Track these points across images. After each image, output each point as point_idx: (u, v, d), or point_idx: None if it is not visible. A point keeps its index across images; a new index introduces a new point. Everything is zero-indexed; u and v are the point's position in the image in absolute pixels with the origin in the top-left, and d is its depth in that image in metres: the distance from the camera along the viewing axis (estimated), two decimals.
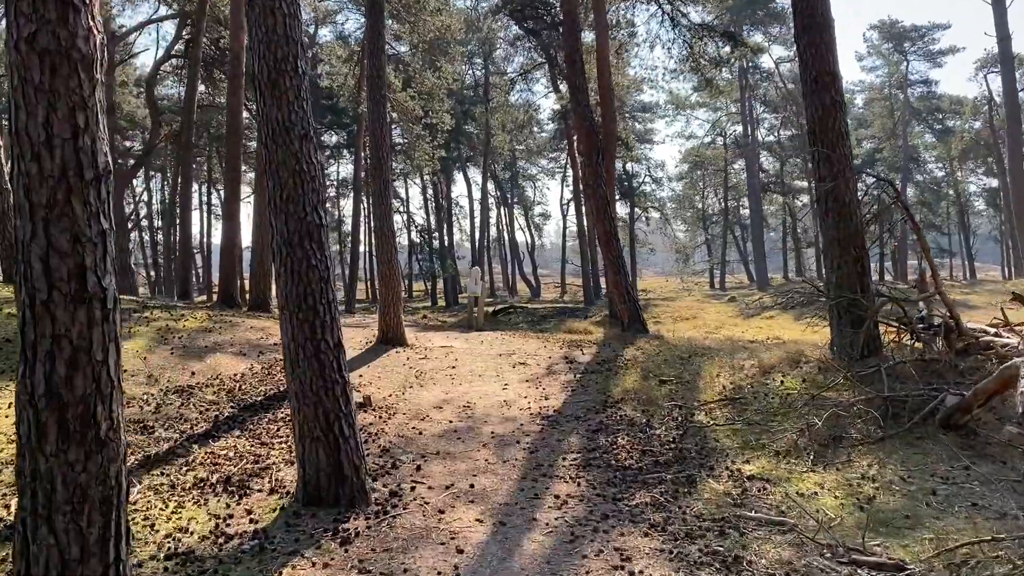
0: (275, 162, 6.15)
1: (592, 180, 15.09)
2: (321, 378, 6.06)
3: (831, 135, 9.24)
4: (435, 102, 28.18)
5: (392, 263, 13.55)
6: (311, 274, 6.12)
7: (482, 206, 45.81)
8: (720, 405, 8.86)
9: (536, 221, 61.20)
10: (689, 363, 11.14)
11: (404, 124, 28.24)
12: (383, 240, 13.50)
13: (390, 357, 12.41)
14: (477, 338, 15.20)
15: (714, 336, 16.19)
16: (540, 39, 33.57)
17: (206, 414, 8.81)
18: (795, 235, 61.54)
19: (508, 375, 11.31)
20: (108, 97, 27.82)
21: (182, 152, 24.63)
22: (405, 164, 40.26)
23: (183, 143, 23.77)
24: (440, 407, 9.50)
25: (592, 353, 12.74)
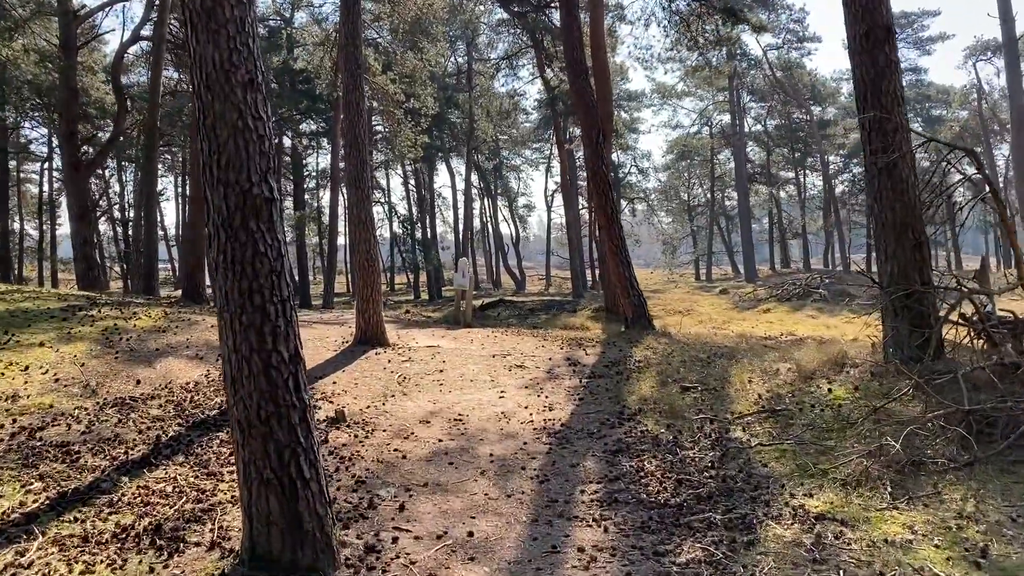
0: (211, 117, 4.62)
1: (592, 161, 13.64)
2: (272, 401, 4.55)
3: (886, 99, 7.81)
4: (417, 85, 26.58)
5: (371, 254, 12.03)
6: (259, 264, 4.61)
7: (466, 197, 44.23)
8: (759, 418, 7.42)
9: (520, 213, 59.77)
10: (711, 366, 9.71)
11: (385, 109, 26.59)
12: (361, 229, 11.97)
13: (369, 360, 10.89)
14: (466, 336, 13.72)
15: (723, 332, 14.81)
16: (526, 22, 32.03)
17: (147, 434, 7.27)
18: (781, 226, 60.55)
19: (504, 380, 9.84)
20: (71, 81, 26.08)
21: (146, 138, 22.87)
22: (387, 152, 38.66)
23: (147, 128, 22.02)
24: (427, 421, 8.01)
25: (597, 353, 11.29)
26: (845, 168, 59.14)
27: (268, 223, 4.67)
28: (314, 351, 11.24)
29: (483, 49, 43.49)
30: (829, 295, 28.26)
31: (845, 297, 28.02)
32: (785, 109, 53.55)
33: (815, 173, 60.63)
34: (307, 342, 12.03)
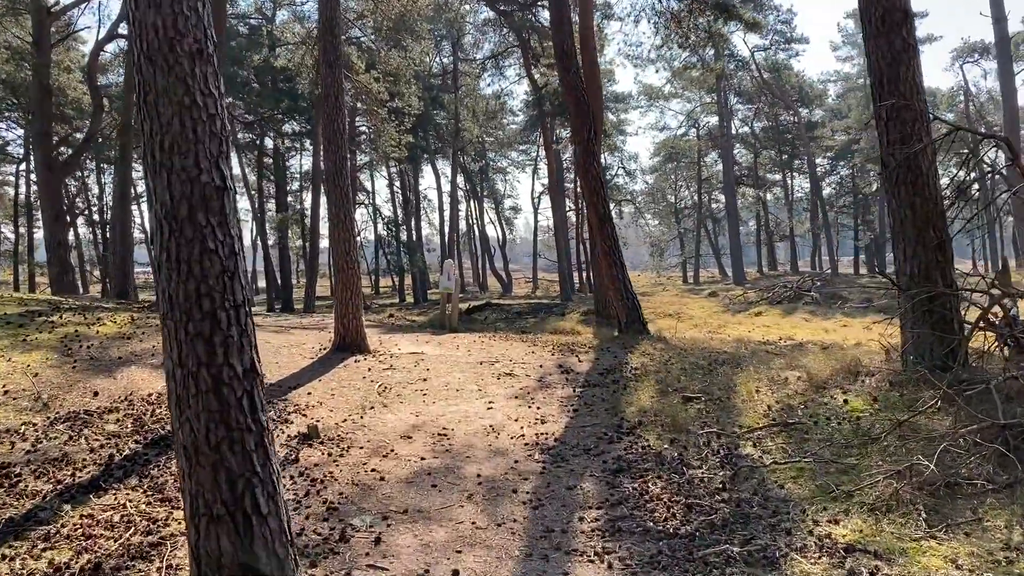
0: (153, 92, 3.95)
1: (584, 159, 13.02)
2: (224, 424, 3.89)
3: (904, 87, 7.22)
4: (402, 84, 25.89)
5: (351, 256, 11.35)
6: (208, 263, 3.95)
7: (452, 198, 43.52)
8: (771, 432, 6.80)
9: (507, 215, 59.10)
10: (713, 374, 9.10)
11: (369, 108, 25.88)
12: (341, 229, 11.29)
13: (348, 368, 10.21)
14: (452, 341, 13.06)
15: (720, 337, 14.21)
16: (512, 21, 31.44)
17: (99, 453, 6.57)
18: (768, 228, 60.21)
19: (493, 390, 9.18)
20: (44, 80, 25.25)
21: (121, 138, 22.07)
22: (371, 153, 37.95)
23: (122, 128, 21.24)
24: (409, 436, 7.34)
25: (590, 360, 10.65)
26: (832, 170, 58.92)
27: (220, 216, 4.02)
28: (289, 359, 10.56)
29: (469, 49, 42.81)
30: (821, 298, 27.76)
31: (837, 300, 27.54)
32: (772, 111, 53.18)
33: (802, 175, 60.37)
34: (282, 349, 11.36)
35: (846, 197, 59.08)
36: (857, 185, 56.39)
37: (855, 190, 57.65)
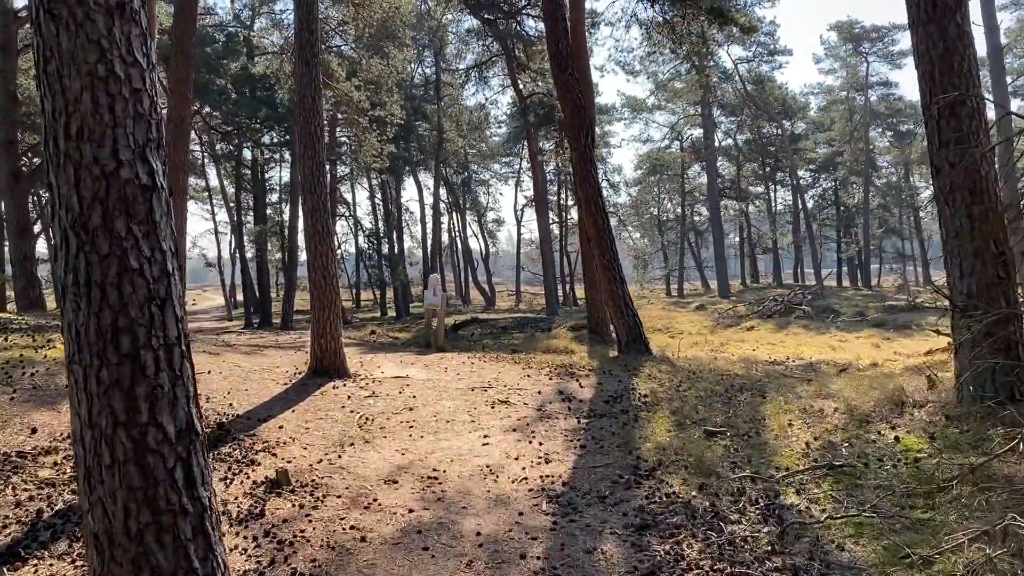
0: (56, 59, 2.94)
1: (580, 165, 12.09)
2: (148, 506, 2.86)
3: (958, 78, 6.32)
4: (384, 92, 24.90)
5: (329, 270, 10.30)
6: (129, 288, 2.93)
7: (434, 211, 42.51)
8: (815, 476, 5.83)
9: (490, 227, 58.14)
10: (734, 402, 8.14)
11: (349, 117, 24.87)
12: (318, 241, 10.25)
13: (325, 395, 9.15)
14: (439, 363, 12.03)
15: (724, 356, 13.29)
16: (497, 30, 30.60)
17: (26, 508, 5.50)
18: (750, 241, 59.72)
19: (487, 421, 8.16)
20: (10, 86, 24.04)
21: None
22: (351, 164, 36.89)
23: None
24: (394, 480, 6.31)
25: (592, 385, 9.66)
26: (815, 183, 58.57)
27: (146, 224, 3.01)
28: (260, 385, 9.48)
29: (451, 59, 41.98)
30: (812, 312, 27.01)
31: (829, 314, 26.80)
32: (756, 123, 52.74)
33: (784, 188, 59.98)
34: (253, 374, 10.28)
35: (829, 209, 58.73)
36: (840, 197, 56.04)
37: (837, 202, 57.31)
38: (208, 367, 10.02)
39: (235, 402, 8.54)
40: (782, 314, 27.55)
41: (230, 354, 11.56)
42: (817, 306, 28.12)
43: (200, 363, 10.23)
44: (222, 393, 8.82)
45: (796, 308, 27.80)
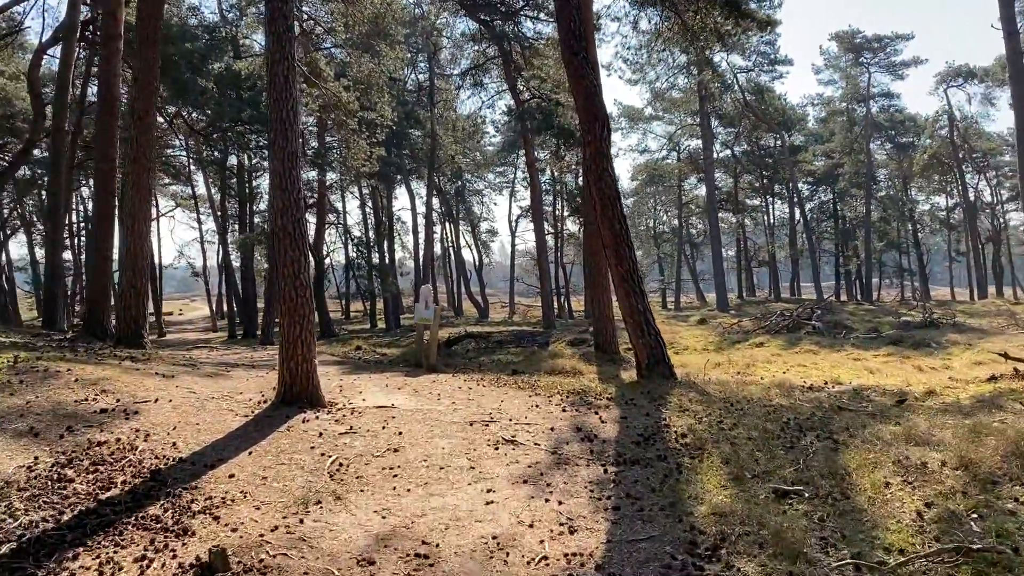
0: None
1: (595, 162, 10.47)
2: None
3: None
4: (374, 92, 23.27)
5: (301, 280, 8.61)
6: None
7: (427, 220, 40.76)
8: (947, 565, 4.20)
9: (483, 238, 56.47)
10: (799, 448, 6.48)
11: (338, 119, 23.23)
12: (288, 245, 8.57)
13: (292, 431, 7.45)
14: (431, 387, 10.36)
15: (750, 377, 11.67)
16: (493, 32, 29.07)
17: None
18: (746, 254, 58.31)
19: (490, 467, 6.50)
20: None
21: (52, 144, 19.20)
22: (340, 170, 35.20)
23: (53, 131, 18.40)
24: (370, 561, 4.64)
25: (615, 419, 8.00)
26: (813, 195, 57.24)
27: None
28: (216, 417, 7.79)
29: (446, 65, 40.47)
30: (823, 327, 25.43)
31: (841, 329, 25.22)
32: (754, 134, 51.40)
33: (781, 200, 58.66)
34: (209, 402, 8.56)
35: (827, 222, 57.39)
36: (840, 210, 54.72)
37: (836, 215, 55.99)
38: (156, 394, 8.32)
39: (181, 440, 6.86)
40: (790, 329, 25.98)
41: (188, 376, 9.85)
42: (828, 321, 26.54)
43: (148, 389, 8.54)
44: (166, 429, 7.13)
45: (805, 323, 26.23)
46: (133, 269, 12.96)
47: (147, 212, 13.31)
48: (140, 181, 12.98)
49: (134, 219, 12.97)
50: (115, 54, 14.57)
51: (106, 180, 14.49)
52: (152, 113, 13.35)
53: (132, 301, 13.02)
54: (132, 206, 12.98)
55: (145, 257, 13.21)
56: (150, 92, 13.14)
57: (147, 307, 13.61)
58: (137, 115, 13.02)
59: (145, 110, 13.05)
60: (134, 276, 12.97)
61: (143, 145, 13.03)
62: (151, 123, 13.33)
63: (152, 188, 13.38)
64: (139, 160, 12.95)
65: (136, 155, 12.97)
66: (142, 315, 13.17)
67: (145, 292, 13.24)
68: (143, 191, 13.08)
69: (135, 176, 12.99)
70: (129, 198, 13.09)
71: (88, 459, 6.10)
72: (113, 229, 14.87)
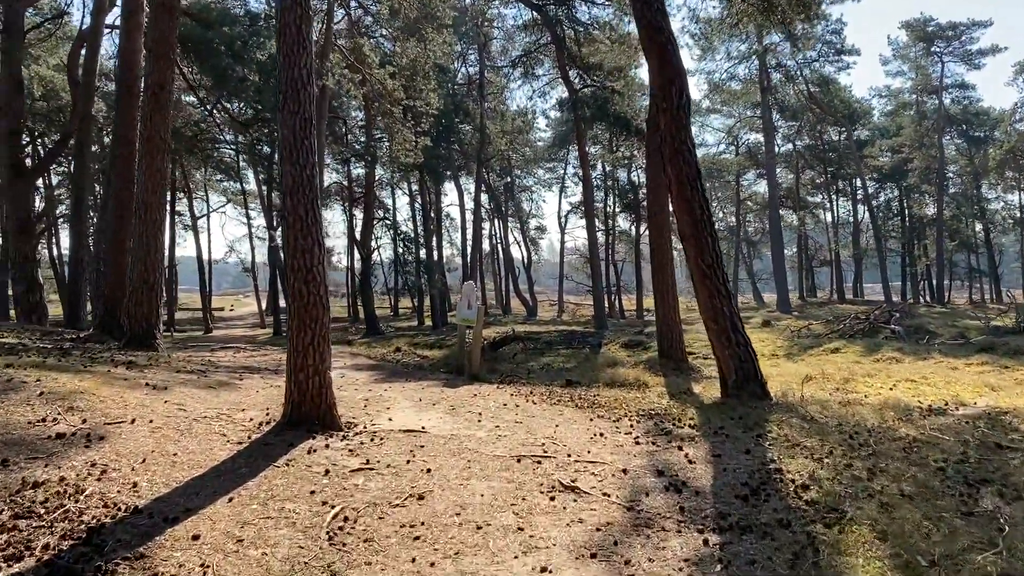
0: None
1: (672, 131, 8.61)
2: None
3: None
4: (420, 79, 21.68)
5: (314, 275, 6.95)
6: None
7: (475, 216, 39.05)
8: None
9: (532, 235, 54.68)
10: (981, 511, 4.58)
11: (382, 107, 21.72)
12: (298, 232, 6.92)
13: (292, 467, 5.79)
14: (471, 402, 8.64)
15: (851, 394, 9.68)
16: (546, 16, 27.30)
17: None
18: (807, 253, 55.44)
19: (544, 528, 4.73)
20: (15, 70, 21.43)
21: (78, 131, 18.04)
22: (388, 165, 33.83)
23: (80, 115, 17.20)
24: None
25: (705, 457, 6.14)
26: (878, 192, 54.04)
27: None
28: (201, 445, 6.17)
29: (496, 56, 38.71)
30: (903, 332, 23.04)
31: (923, 335, 22.81)
32: (817, 128, 48.61)
33: (844, 198, 55.62)
34: (198, 423, 6.91)
35: (893, 220, 54.17)
36: (909, 208, 51.49)
37: (903, 213, 52.77)
38: (136, 412, 6.75)
39: (145, 480, 5.25)
40: (866, 334, 23.64)
41: (185, 388, 8.29)
42: (908, 326, 24.11)
43: (128, 405, 6.98)
44: (132, 462, 5.54)
45: (882, 327, 23.86)
46: (145, 262, 11.54)
47: (162, 199, 11.87)
48: (154, 164, 11.55)
49: (147, 207, 11.52)
50: (136, 29, 13.25)
51: (126, 165, 13.14)
52: (168, 88, 11.91)
53: (144, 297, 11.59)
54: (145, 192, 11.55)
55: (159, 249, 11.78)
56: (166, 64, 11.71)
57: (161, 304, 12.19)
58: (151, 90, 11.59)
59: (160, 84, 11.61)
60: (146, 270, 11.54)
61: (157, 123, 11.59)
62: (167, 100, 11.89)
63: (167, 172, 11.88)
64: (153, 140, 11.52)
65: (150, 134, 11.54)
66: (154, 312, 11.73)
67: (158, 288, 11.81)
68: (157, 175, 11.63)
69: (148, 158, 11.55)
70: (141, 183, 11.66)
71: (10, 510, 4.52)
72: (132, 219, 13.50)
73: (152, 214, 11.57)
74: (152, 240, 11.57)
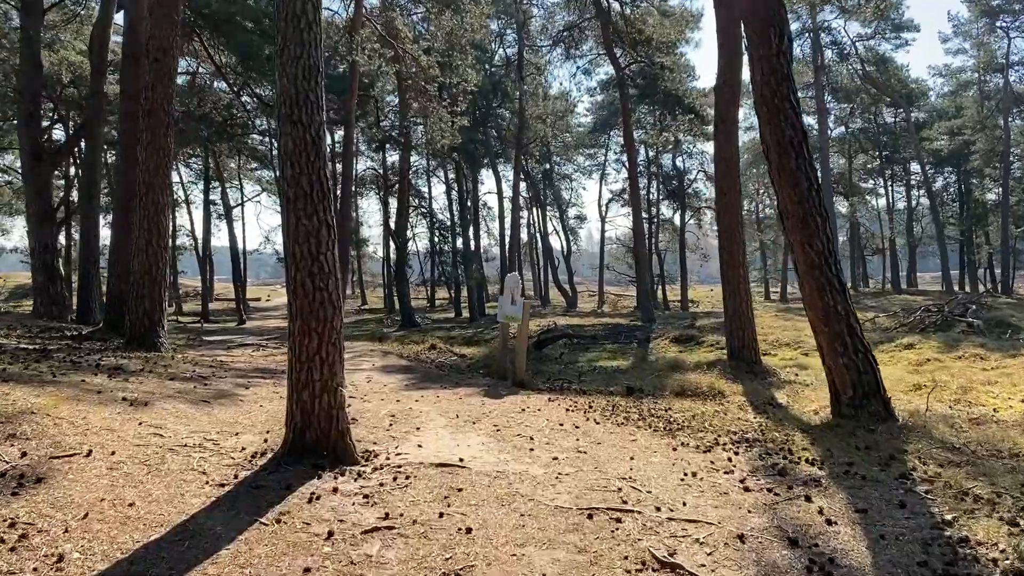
0: None
1: (769, 83, 6.88)
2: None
3: None
4: (456, 54, 20.07)
5: (321, 264, 5.41)
6: None
7: (513, 204, 37.31)
8: None
9: (571, 224, 52.79)
10: None
11: (415, 84, 20.19)
12: (299, 210, 5.40)
13: (283, 526, 4.26)
14: (519, 420, 7.07)
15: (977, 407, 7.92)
16: None
17: None
18: (859, 240, 52.81)
19: None
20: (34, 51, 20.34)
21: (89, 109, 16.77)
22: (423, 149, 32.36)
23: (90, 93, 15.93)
24: None
25: (842, 508, 4.49)
26: (935, 177, 51.13)
27: None
28: (167, 489, 4.68)
29: (535, 36, 36.83)
30: (982, 325, 20.91)
31: (1005, 328, 20.68)
32: (872, 109, 46.00)
33: (898, 183, 52.85)
34: (175, 453, 5.21)
35: (951, 206, 51.26)
36: (969, 192, 48.59)
37: (962, 198, 49.85)
38: (97, 438, 5.30)
39: (81, 547, 3.78)
40: (939, 327, 21.56)
41: (171, 403, 6.81)
42: (986, 319, 21.97)
43: (89, 429, 5.53)
44: (70, 516, 4.07)
45: (957, 321, 21.75)
46: (147, 252, 10.15)
47: (165, 179, 10.43)
48: (156, 139, 10.14)
49: (148, 188, 10.11)
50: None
51: (131, 144, 11.77)
52: (171, 54, 10.46)
53: (146, 291, 10.20)
54: (146, 171, 10.14)
55: (162, 236, 10.36)
56: (168, 26, 10.27)
57: (165, 298, 10.78)
58: (152, 56, 10.18)
59: (162, 49, 10.17)
60: (147, 261, 10.15)
61: (160, 94, 10.17)
62: (170, 67, 10.44)
63: (171, 150, 10.45)
64: (155, 113, 10.11)
65: (151, 107, 10.13)
66: (157, 308, 10.33)
67: (162, 280, 10.41)
68: (160, 153, 10.21)
69: (150, 133, 10.14)
70: (142, 161, 10.25)
71: None
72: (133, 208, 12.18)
73: (154, 196, 10.16)
74: (155, 226, 10.17)
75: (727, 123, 11.97)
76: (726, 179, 11.81)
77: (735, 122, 12.19)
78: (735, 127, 12.20)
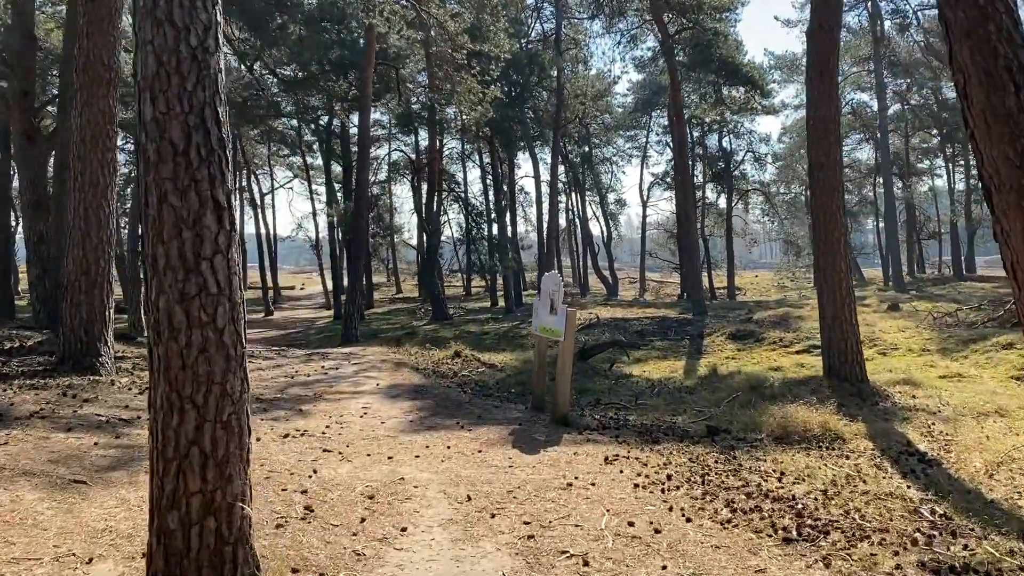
0: None
1: None
2: None
3: None
4: (487, 13, 17.44)
5: (202, 274, 2.96)
6: None
7: (551, 188, 34.53)
8: None
9: (611, 209, 49.78)
10: None
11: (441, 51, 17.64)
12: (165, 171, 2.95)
13: None
14: (558, 504, 4.53)
15: None
16: None
17: None
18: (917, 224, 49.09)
19: None
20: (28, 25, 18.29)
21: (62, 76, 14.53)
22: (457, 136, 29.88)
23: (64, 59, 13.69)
24: None
25: None
26: None
27: None
28: None
29: (574, 9, 33.93)
30: None
31: None
32: (932, 84, 42.29)
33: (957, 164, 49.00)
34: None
35: None
36: None
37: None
38: None
39: None
40: None
41: (18, 487, 4.39)
42: None
43: None
44: None
45: None
46: (83, 246, 7.75)
47: (107, 153, 7.94)
48: (94, 101, 7.75)
49: (84, 164, 7.71)
50: None
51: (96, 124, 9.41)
52: None
53: (83, 297, 7.81)
54: (80, 140, 7.72)
55: (103, 226, 7.95)
56: None
57: (110, 304, 8.35)
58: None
59: None
60: (84, 257, 7.77)
61: (97, 42, 7.72)
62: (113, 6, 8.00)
63: (113, 116, 8.01)
64: (92, 68, 7.64)
65: (87, 60, 7.66)
66: (98, 318, 7.91)
67: (104, 283, 7.99)
68: (99, 118, 7.77)
69: (84, 94, 7.68)
70: (76, 130, 7.82)
71: None
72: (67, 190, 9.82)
73: (92, 175, 7.75)
74: (93, 213, 7.78)
75: (824, 76, 9.20)
76: (821, 149, 9.07)
77: (834, 74, 9.39)
78: (834, 80, 9.41)
